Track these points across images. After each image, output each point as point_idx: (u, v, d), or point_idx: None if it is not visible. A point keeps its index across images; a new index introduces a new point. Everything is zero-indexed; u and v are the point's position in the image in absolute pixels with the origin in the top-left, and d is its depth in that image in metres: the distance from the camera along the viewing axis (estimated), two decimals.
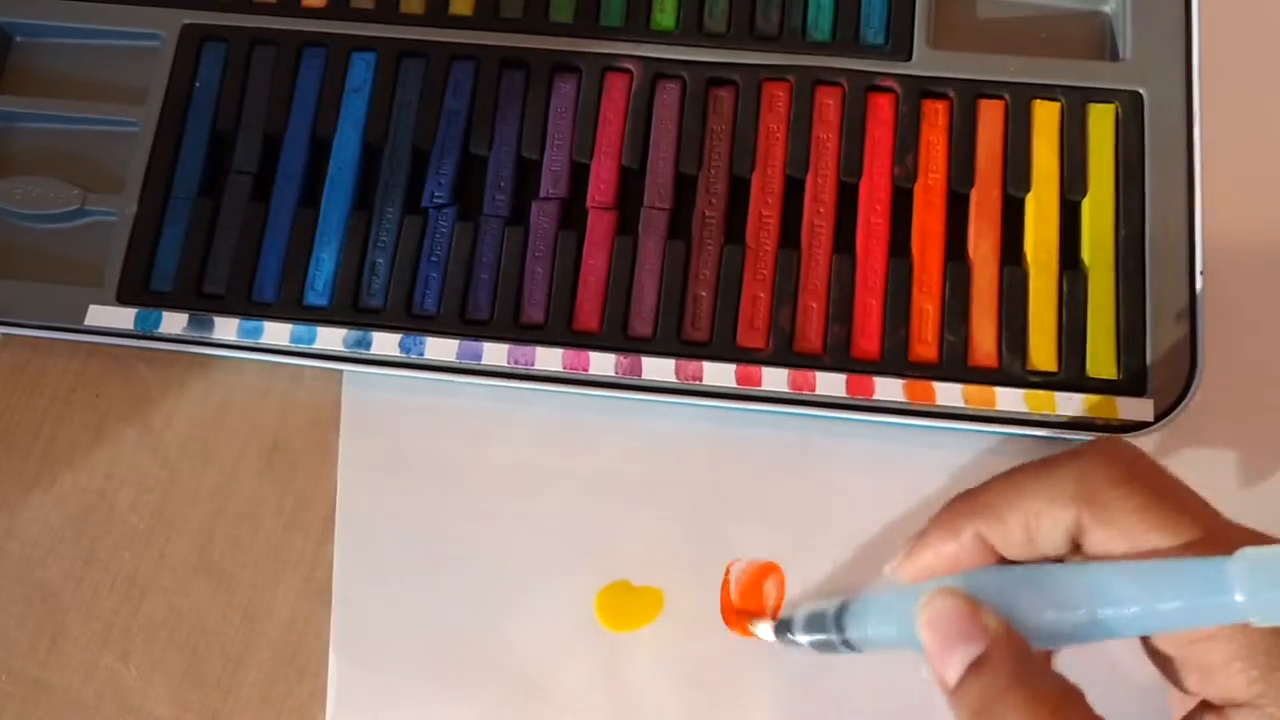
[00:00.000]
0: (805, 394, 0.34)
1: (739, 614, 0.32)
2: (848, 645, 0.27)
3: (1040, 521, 0.25)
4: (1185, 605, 0.22)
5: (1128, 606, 0.23)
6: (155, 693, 0.34)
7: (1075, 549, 0.25)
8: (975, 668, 0.24)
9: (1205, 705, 0.25)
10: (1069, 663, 0.26)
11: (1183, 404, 0.33)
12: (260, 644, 0.34)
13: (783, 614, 0.30)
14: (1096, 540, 0.25)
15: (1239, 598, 0.21)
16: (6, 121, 0.40)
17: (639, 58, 0.37)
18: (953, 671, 0.24)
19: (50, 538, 0.36)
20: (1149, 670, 0.26)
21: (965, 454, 0.35)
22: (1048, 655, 0.27)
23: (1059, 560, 0.26)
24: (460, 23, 0.38)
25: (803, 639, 0.29)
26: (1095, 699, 0.24)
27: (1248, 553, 0.21)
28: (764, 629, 0.31)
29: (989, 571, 0.26)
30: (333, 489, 0.36)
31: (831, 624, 0.28)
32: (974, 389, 0.33)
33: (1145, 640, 0.25)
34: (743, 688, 0.33)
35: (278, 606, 0.35)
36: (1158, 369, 0.33)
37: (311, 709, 0.34)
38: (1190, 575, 0.22)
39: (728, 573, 0.33)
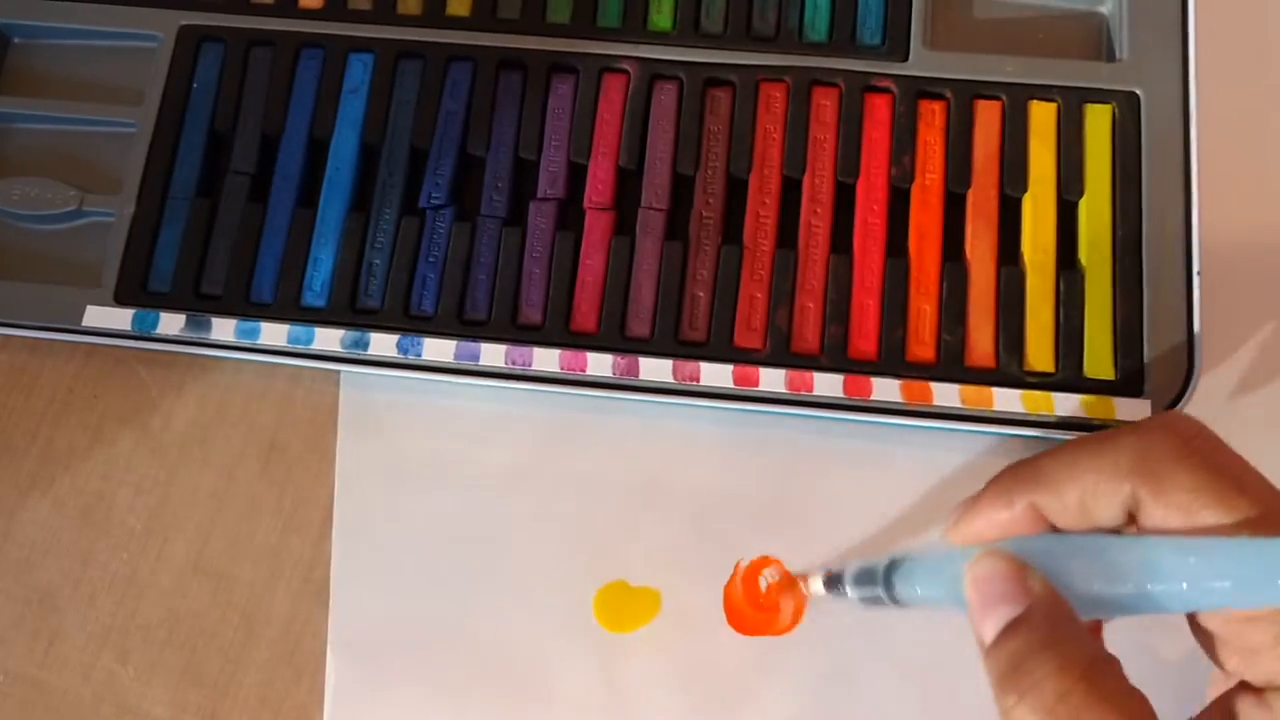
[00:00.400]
0: (802, 394, 0.34)
1: (738, 611, 0.33)
2: (895, 601, 0.28)
3: (1097, 494, 0.25)
4: (1234, 585, 0.22)
5: (1177, 582, 0.23)
6: (153, 693, 0.34)
7: (1130, 522, 0.25)
8: (1011, 627, 0.24)
9: (1244, 686, 0.25)
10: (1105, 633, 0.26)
11: (1180, 404, 0.33)
12: (258, 644, 0.34)
13: (835, 569, 0.30)
14: (1152, 515, 0.25)
15: None
16: (4, 122, 0.40)
17: (636, 58, 0.37)
18: (990, 630, 0.24)
19: (48, 539, 0.36)
20: (1185, 646, 0.26)
21: (962, 454, 0.35)
22: (1096, 625, 0.27)
23: (1112, 533, 0.26)
24: (457, 23, 0.38)
25: (852, 593, 0.29)
26: (1129, 671, 0.24)
27: None
28: (815, 583, 0.31)
29: (1041, 539, 0.26)
30: (330, 489, 0.36)
31: (881, 580, 0.28)
32: (971, 389, 0.33)
33: (1190, 616, 0.25)
34: (740, 688, 0.33)
35: (276, 607, 0.35)
36: (1155, 369, 0.33)
37: (310, 709, 0.34)
38: (1241, 555, 0.22)
39: (736, 570, 0.33)
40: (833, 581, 0.30)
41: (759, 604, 0.33)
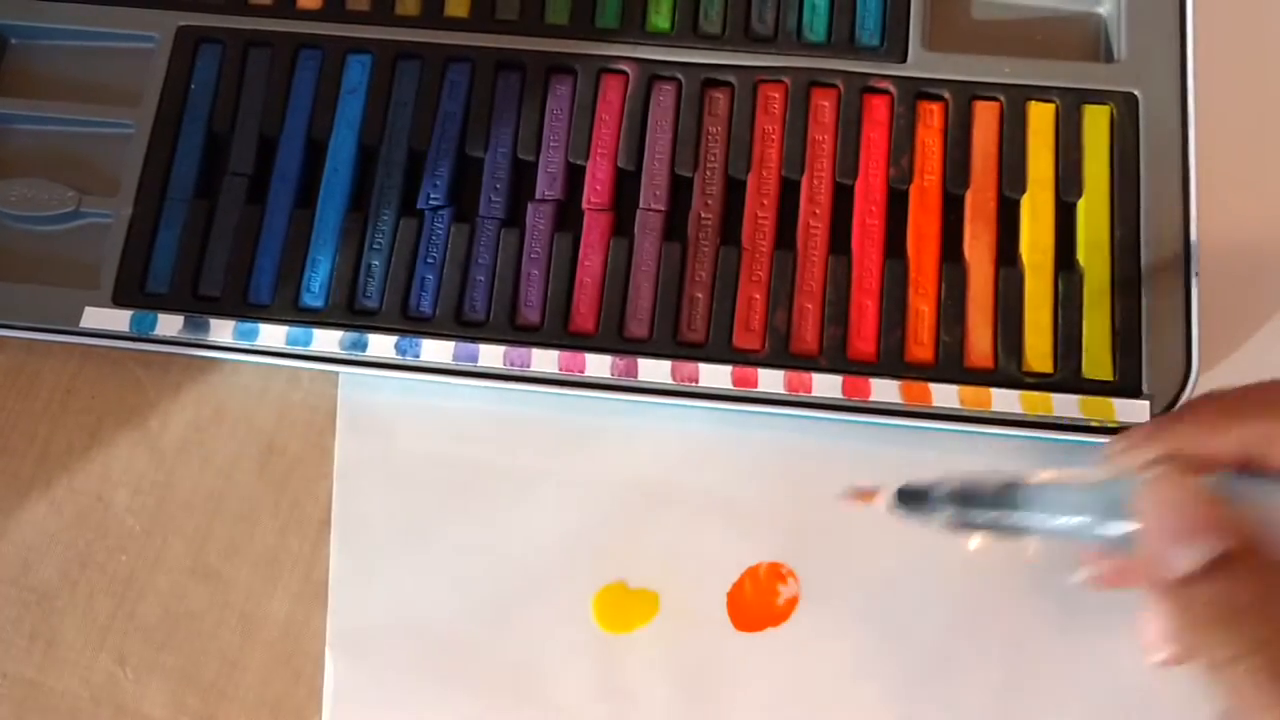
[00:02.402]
0: (801, 395, 0.34)
1: (744, 609, 0.33)
2: (1002, 526, 0.26)
3: None
4: None
5: None
6: (152, 695, 0.34)
7: None
8: (1217, 567, 0.21)
9: None
10: None
11: (1178, 405, 0.33)
12: (257, 646, 0.34)
13: (913, 484, 0.28)
14: None
15: None
16: (2, 123, 0.40)
17: (634, 59, 0.37)
18: (1183, 563, 0.21)
19: (46, 540, 0.36)
20: None
21: (961, 455, 0.35)
22: None
23: None
24: (456, 24, 0.38)
25: (943, 511, 0.27)
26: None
27: None
28: (887, 497, 0.28)
29: (1243, 478, 0.23)
30: (329, 491, 0.36)
31: (995, 501, 0.26)
32: (970, 390, 0.33)
33: None
34: (736, 688, 0.33)
35: (274, 608, 0.35)
36: (1153, 369, 0.33)
37: (308, 710, 0.34)
38: None
39: (744, 574, 0.33)
40: (912, 497, 0.27)
41: (767, 604, 0.33)
